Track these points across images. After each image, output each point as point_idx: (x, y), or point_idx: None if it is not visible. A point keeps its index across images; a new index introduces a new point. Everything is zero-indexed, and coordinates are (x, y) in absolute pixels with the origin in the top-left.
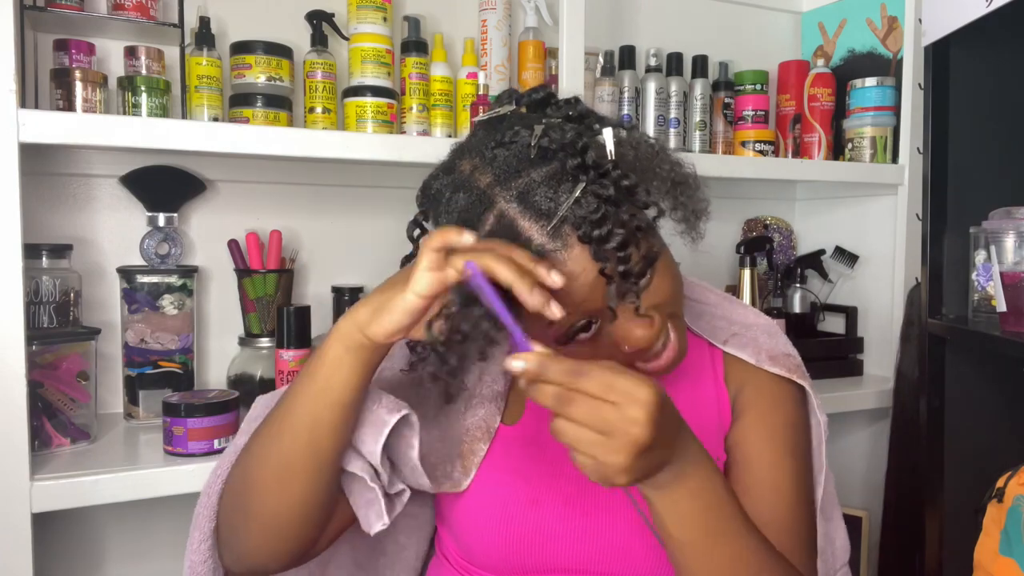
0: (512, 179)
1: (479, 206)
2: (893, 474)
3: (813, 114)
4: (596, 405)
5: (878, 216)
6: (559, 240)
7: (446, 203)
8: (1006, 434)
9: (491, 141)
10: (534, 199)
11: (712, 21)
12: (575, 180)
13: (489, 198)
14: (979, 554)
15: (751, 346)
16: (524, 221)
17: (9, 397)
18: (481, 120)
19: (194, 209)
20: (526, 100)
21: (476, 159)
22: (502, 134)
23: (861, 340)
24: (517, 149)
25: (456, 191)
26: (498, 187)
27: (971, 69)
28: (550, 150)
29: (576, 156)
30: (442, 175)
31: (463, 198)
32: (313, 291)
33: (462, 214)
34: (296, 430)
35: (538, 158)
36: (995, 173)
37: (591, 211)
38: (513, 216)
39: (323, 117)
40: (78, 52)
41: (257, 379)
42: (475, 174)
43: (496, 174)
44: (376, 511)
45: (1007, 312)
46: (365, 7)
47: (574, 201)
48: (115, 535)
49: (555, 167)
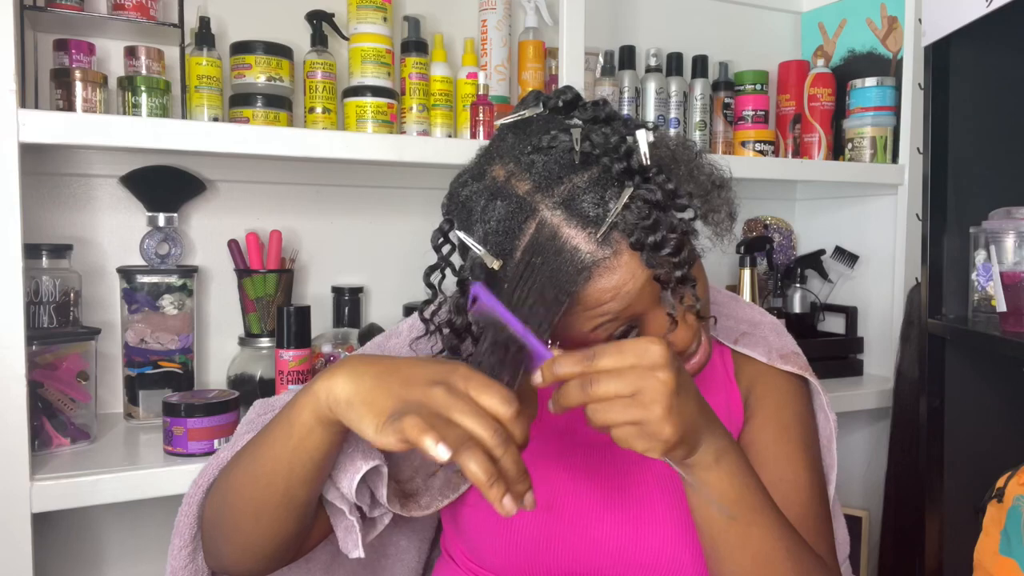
0: (554, 185)
1: (520, 215)
2: (893, 474)
3: (813, 114)
4: (616, 374)
5: (878, 216)
6: (608, 247)
7: (481, 212)
8: (1006, 434)
9: (526, 146)
10: (580, 205)
11: (712, 21)
12: (621, 185)
13: (530, 206)
14: (979, 554)
15: (762, 345)
16: (569, 229)
17: (9, 397)
18: (506, 123)
19: (194, 209)
20: (553, 102)
21: (511, 164)
22: (538, 138)
23: (861, 340)
24: (557, 154)
25: (492, 199)
26: (539, 194)
27: (971, 69)
28: (592, 155)
29: (622, 160)
30: (471, 182)
31: (501, 207)
32: (313, 291)
33: (501, 223)
34: (271, 478)
35: (581, 163)
36: (995, 173)
37: (642, 217)
38: (557, 224)
39: (323, 117)
40: (78, 52)
41: (257, 379)
42: (512, 180)
43: (536, 181)
44: (353, 540)
45: (1007, 312)
46: (365, 7)
47: (623, 207)
48: (115, 535)
49: (599, 172)
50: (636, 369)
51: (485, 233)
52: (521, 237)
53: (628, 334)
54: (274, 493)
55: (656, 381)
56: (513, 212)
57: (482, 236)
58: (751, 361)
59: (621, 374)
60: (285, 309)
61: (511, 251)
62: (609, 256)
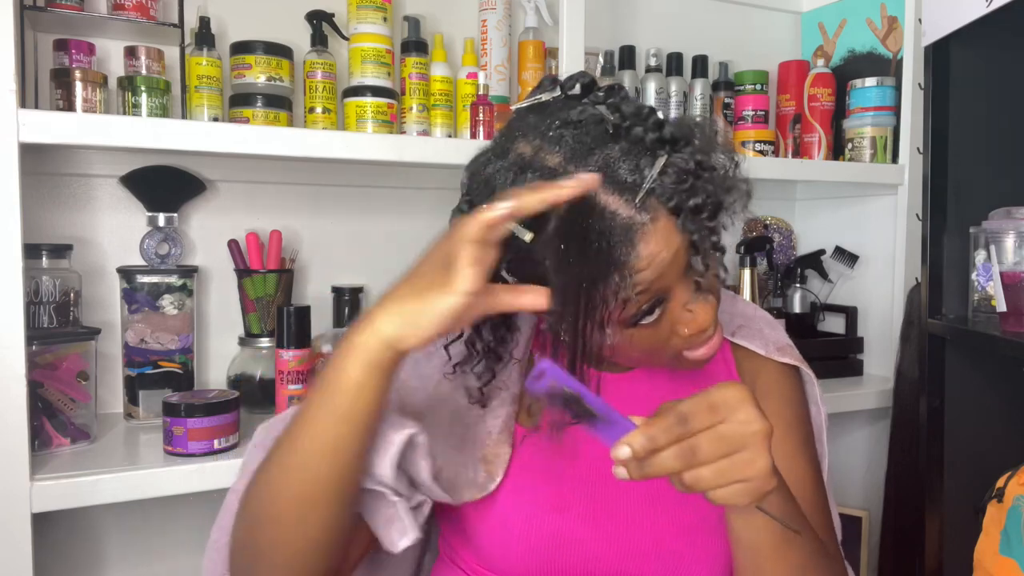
0: (587, 156)
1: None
2: (893, 474)
3: (813, 114)
4: (715, 434)
5: (878, 216)
6: (646, 213)
7: (510, 184)
8: (1006, 434)
9: (553, 122)
10: (616, 173)
11: (712, 21)
12: (654, 154)
13: (565, 174)
14: (979, 554)
15: (758, 337)
16: (606, 196)
17: (9, 397)
18: (522, 107)
19: (194, 209)
20: (571, 85)
21: (537, 141)
22: (565, 114)
23: (861, 340)
24: (587, 127)
25: (521, 172)
26: (571, 165)
27: (971, 69)
28: (623, 127)
29: (654, 130)
30: (495, 160)
31: (532, 178)
32: (313, 291)
33: None
34: (315, 461)
35: (611, 135)
36: (995, 173)
37: (679, 181)
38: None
39: (323, 117)
40: (78, 52)
41: (257, 379)
42: (540, 154)
43: (567, 153)
44: (399, 528)
45: (1007, 312)
46: (365, 7)
47: (660, 173)
48: (115, 535)
49: (631, 143)
50: (730, 423)
51: None
52: (554, 208)
53: (654, 310)
54: (321, 477)
55: (756, 435)
56: (546, 182)
57: None
58: (749, 355)
59: (719, 434)
60: (285, 309)
61: (544, 224)
62: (647, 222)
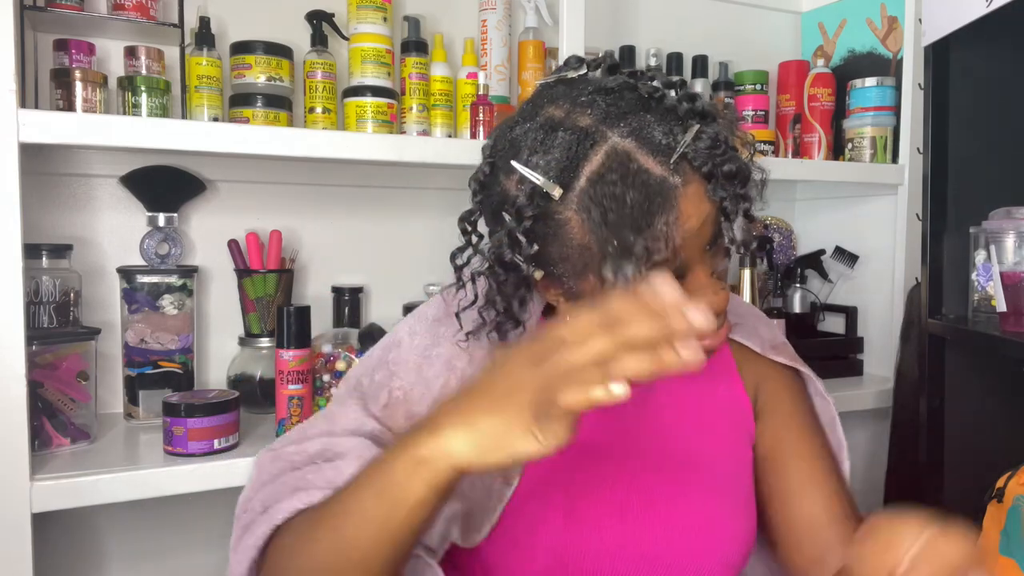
0: (621, 119)
1: (586, 141)
2: (893, 474)
3: (813, 114)
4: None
5: (878, 216)
6: (679, 175)
7: (540, 143)
8: (1006, 434)
9: (585, 88)
10: (651, 134)
11: (712, 21)
12: (687, 124)
13: (598, 134)
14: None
15: (755, 336)
16: (641, 155)
17: (9, 397)
18: (548, 82)
19: (194, 209)
20: (596, 63)
21: (567, 105)
22: (597, 82)
23: (861, 340)
24: (621, 93)
25: (552, 131)
26: (605, 126)
27: (971, 69)
28: (655, 96)
29: (688, 101)
30: (523, 122)
31: (564, 135)
32: (313, 291)
33: (564, 151)
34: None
35: (644, 102)
36: (995, 173)
37: (713, 147)
38: (629, 149)
39: (323, 117)
40: (78, 52)
41: (257, 379)
42: (572, 115)
43: (600, 116)
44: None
45: (1007, 312)
46: (365, 7)
47: (694, 138)
48: (115, 535)
49: (664, 111)
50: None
51: (546, 163)
52: (586, 164)
53: None
54: (367, 563)
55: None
56: (579, 139)
57: (542, 167)
58: (748, 357)
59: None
60: (285, 309)
61: (573, 180)
62: (679, 185)
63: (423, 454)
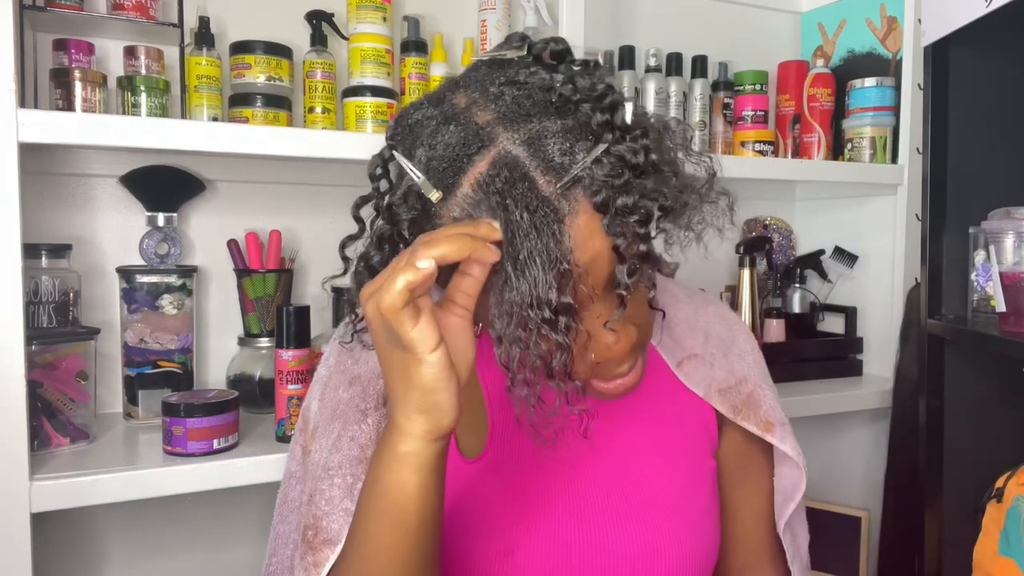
0: (520, 122)
1: (475, 142)
2: (893, 474)
3: (813, 114)
4: None
5: (878, 216)
6: (567, 203)
7: (430, 135)
8: (1006, 434)
9: (498, 77)
10: (545, 148)
11: (712, 21)
12: (597, 140)
13: (488, 136)
14: (979, 554)
15: (700, 371)
16: (531, 170)
17: (8, 397)
18: (483, 59)
19: (194, 209)
20: (540, 47)
21: (475, 94)
22: (514, 71)
23: (861, 340)
24: (531, 91)
25: (445, 123)
26: (501, 127)
27: (971, 69)
28: (571, 100)
29: (604, 112)
30: (427, 105)
31: (454, 132)
32: (313, 291)
33: (449, 150)
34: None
35: (555, 107)
36: (995, 173)
37: (614, 175)
38: (520, 160)
39: (323, 117)
40: (78, 52)
41: (256, 379)
42: (473, 109)
43: (501, 113)
44: None
45: (1006, 312)
46: (365, 7)
47: (594, 161)
48: (115, 535)
49: (575, 121)
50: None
51: (428, 160)
52: (470, 167)
53: None
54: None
55: None
56: (467, 140)
57: (424, 163)
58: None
59: None
60: (284, 309)
61: (454, 185)
62: (566, 214)
63: (403, 455)
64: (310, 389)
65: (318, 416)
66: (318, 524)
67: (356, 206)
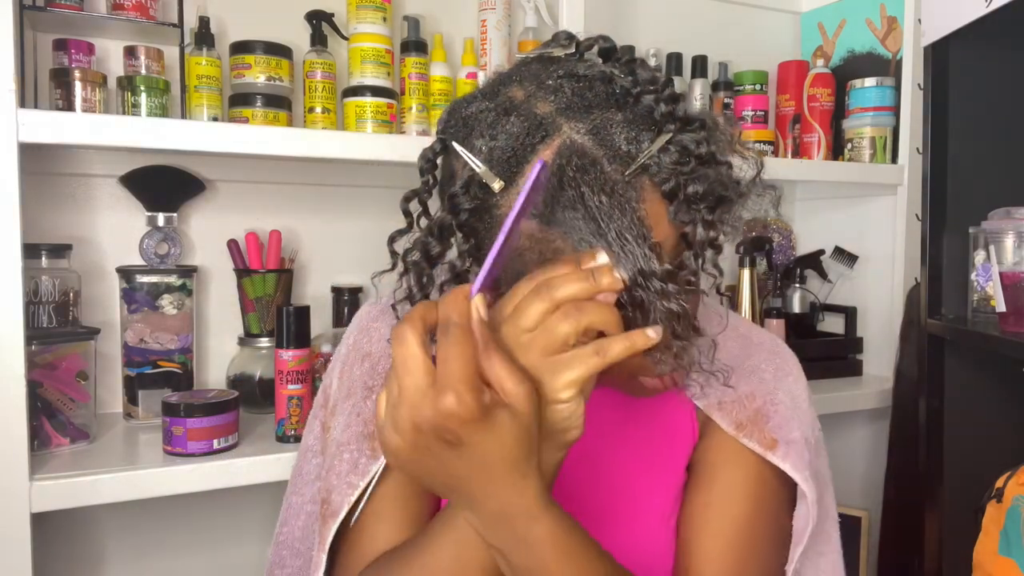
0: (583, 113)
1: (538, 132)
2: (893, 474)
3: (812, 114)
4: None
5: (878, 216)
6: (634, 191)
7: (489, 126)
8: (1006, 434)
9: (556, 70)
10: (611, 137)
11: (712, 21)
12: (660, 130)
13: (552, 125)
14: (978, 554)
15: (727, 401)
16: (597, 158)
17: (8, 397)
18: (530, 57)
19: (194, 209)
20: (587, 44)
21: (532, 87)
22: (571, 66)
23: (861, 340)
24: (592, 83)
25: (504, 115)
26: (563, 118)
27: (971, 69)
28: (632, 92)
29: (668, 103)
30: (481, 98)
31: (515, 123)
32: (313, 291)
33: (512, 140)
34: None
35: (617, 98)
36: (995, 173)
37: (681, 163)
38: (585, 148)
39: (323, 117)
40: (78, 52)
41: (256, 379)
42: (532, 101)
43: (563, 104)
44: None
45: (1006, 312)
46: (365, 7)
47: (660, 150)
48: (115, 535)
49: (637, 112)
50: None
51: (490, 150)
52: (534, 157)
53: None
54: None
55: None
56: (529, 129)
57: (485, 153)
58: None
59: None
60: (284, 309)
61: (518, 174)
62: (633, 200)
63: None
64: (331, 365)
65: (337, 394)
66: (329, 497)
67: (405, 199)
